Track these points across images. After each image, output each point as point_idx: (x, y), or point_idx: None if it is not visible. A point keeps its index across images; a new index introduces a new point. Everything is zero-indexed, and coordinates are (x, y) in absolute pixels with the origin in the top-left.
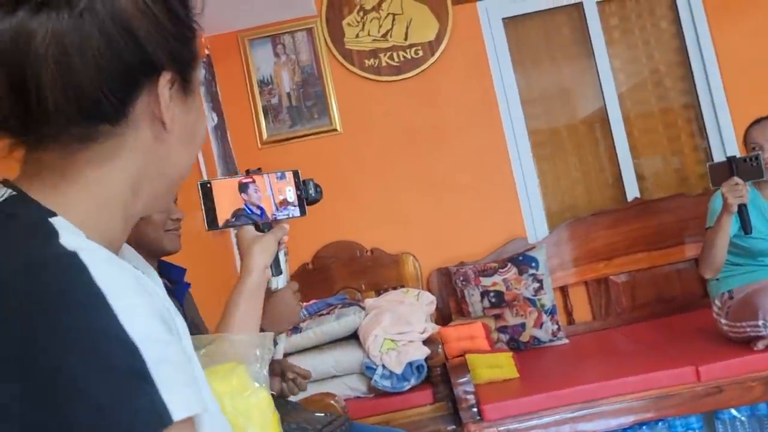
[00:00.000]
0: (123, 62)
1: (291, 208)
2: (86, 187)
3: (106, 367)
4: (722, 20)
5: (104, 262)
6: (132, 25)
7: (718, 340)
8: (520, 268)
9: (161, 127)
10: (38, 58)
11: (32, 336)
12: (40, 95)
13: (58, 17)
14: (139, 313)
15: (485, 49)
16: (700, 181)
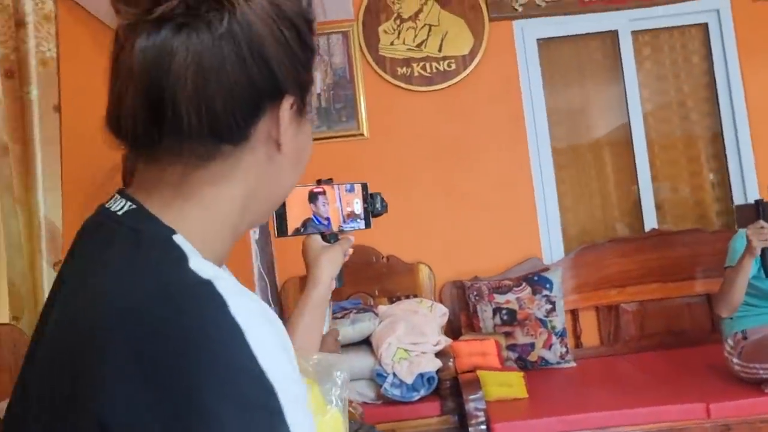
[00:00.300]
0: (254, 86)
1: (357, 221)
2: (201, 205)
3: (245, 406)
4: (753, 61)
5: (238, 293)
6: (266, 52)
7: (728, 378)
8: (534, 288)
9: (276, 148)
10: (178, 77)
11: (169, 366)
12: (175, 113)
13: (199, 38)
14: (272, 349)
15: (517, 67)
16: (718, 218)
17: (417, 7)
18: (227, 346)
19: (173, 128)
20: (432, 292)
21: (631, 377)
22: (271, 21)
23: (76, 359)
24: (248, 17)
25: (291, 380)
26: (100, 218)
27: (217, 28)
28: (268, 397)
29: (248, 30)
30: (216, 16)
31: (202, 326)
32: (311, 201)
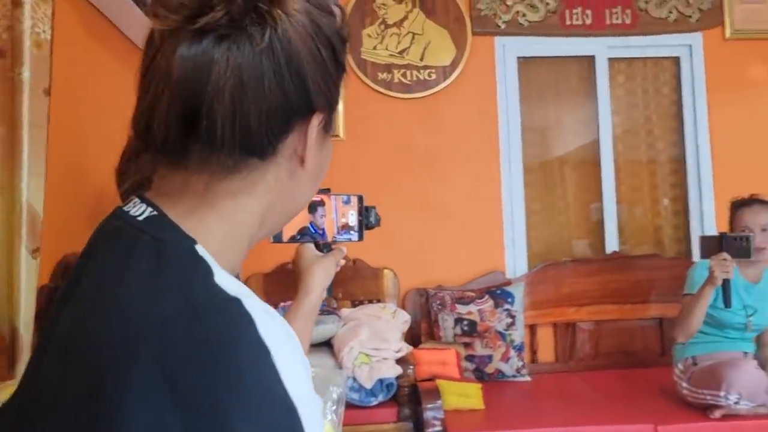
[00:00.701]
0: (288, 103)
1: (351, 233)
2: (222, 216)
3: (269, 428)
4: (720, 97)
5: (264, 312)
6: (303, 69)
7: (676, 401)
8: (496, 301)
9: (299, 163)
10: (216, 89)
11: (197, 386)
12: (210, 124)
13: (240, 51)
14: (296, 370)
15: (496, 83)
16: (675, 245)
17: (402, 14)
18: (255, 367)
19: (206, 138)
20: (395, 298)
21: (583, 394)
22: (310, 39)
23: (98, 373)
24: (289, 33)
25: (311, 400)
26: (120, 223)
27: (258, 42)
28: (292, 419)
29: (288, 46)
30: (257, 30)
31: (231, 346)
32: (310, 211)
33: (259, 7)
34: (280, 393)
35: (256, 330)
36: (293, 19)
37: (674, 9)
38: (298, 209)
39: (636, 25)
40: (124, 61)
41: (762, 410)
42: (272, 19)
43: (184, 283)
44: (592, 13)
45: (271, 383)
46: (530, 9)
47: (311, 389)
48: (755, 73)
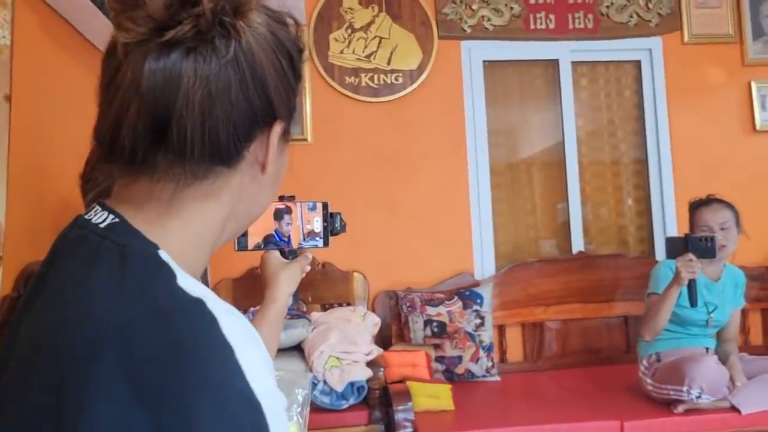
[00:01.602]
0: (253, 111)
1: (316, 239)
2: (186, 222)
3: (235, 423)
4: (680, 99)
5: (227, 312)
6: (266, 80)
7: (641, 397)
8: (465, 303)
9: (260, 169)
10: (186, 100)
11: (161, 385)
12: (180, 134)
13: (207, 63)
14: (258, 368)
15: (462, 86)
16: (638, 244)
17: (369, 18)
18: (219, 365)
19: (175, 148)
20: (365, 300)
21: (552, 393)
22: (271, 50)
23: (61, 375)
24: (252, 46)
25: (275, 397)
26: (82, 230)
27: (224, 54)
28: (257, 415)
29: (252, 58)
30: (223, 42)
31: (195, 345)
32: (276, 218)
33: (224, 20)
34: (244, 390)
35: (220, 329)
36: (255, 32)
37: (635, 14)
38: (259, 213)
39: (598, 30)
40: (86, 66)
41: (722, 404)
42: (236, 32)
43: (146, 287)
44: (556, 17)
45: (235, 380)
46: (495, 13)
47: (275, 387)
48: (712, 75)
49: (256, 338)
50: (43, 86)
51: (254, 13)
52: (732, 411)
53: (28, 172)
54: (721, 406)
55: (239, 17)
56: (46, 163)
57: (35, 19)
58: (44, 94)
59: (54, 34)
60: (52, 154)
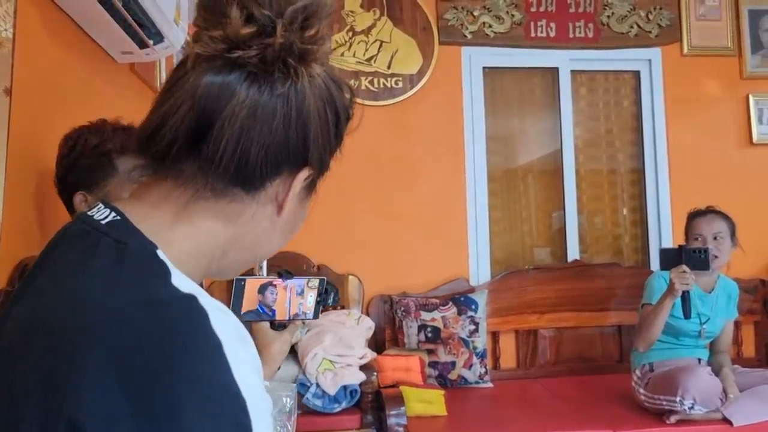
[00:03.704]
0: (288, 147)
1: (307, 311)
2: (191, 233)
3: (219, 417)
4: (678, 110)
5: (218, 309)
6: (309, 123)
7: (634, 407)
8: (459, 309)
9: (277, 210)
10: (230, 115)
11: (149, 375)
12: (215, 143)
13: (260, 90)
14: (246, 365)
15: (462, 92)
16: (633, 254)
17: (370, 22)
18: (207, 358)
19: (206, 156)
20: (360, 304)
21: (544, 401)
22: (321, 102)
23: (50, 359)
24: (306, 90)
25: (260, 396)
26: (83, 226)
27: (278, 88)
28: (241, 412)
29: (302, 99)
30: (281, 78)
31: (184, 337)
32: (259, 291)
33: (288, 61)
34: (230, 384)
35: (210, 323)
36: (313, 81)
37: (635, 24)
38: (264, 254)
39: (598, 39)
40: (88, 63)
41: (715, 416)
42: (295, 74)
43: (141, 280)
44: (556, 26)
45: (222, 374)
46: (496, 20)
47: (261, 386)
48: (710, 88)
49: (246, 337)
50: (43, 81)
51: (317, 65)
52: (724, 423)
53: (26, 167)
54: (713, 418)
55: (302, 63)
56: (44, 158)
57: (37, 13)
58: (44, 90)
59: (56, 29)
60: (51, 150)
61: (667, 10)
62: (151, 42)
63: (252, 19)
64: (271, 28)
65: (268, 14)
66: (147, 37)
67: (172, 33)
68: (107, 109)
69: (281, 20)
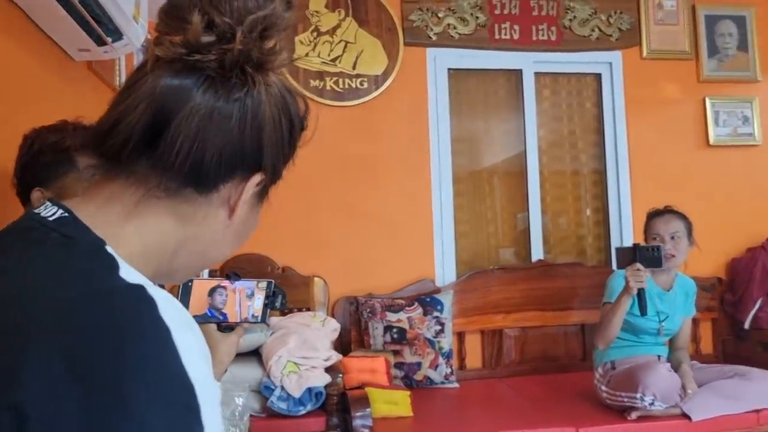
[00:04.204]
0: (242, 151)
1: (256, 314)
2: (142, 233)
3: (168, 402)
4: (638, 112)
5: (165, 298)
6: (263, 129)
7: (596, 404)
8: (425, 309)
9: (228, 214)
10: (186, 118)
11: (98, 360)
12: (170, 142)
13: (217, 95)
14: (194, 352)
15: (427, 93)
16: (596, 254)
17: (335, 22)
18: (155, 345)
19: (161, 155)
20: (325, 306)
21: (509, 400)
22: (276, 109)
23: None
24: (262, 97)
25: (208, 382)
26: (31, 222)
27: (235, 93)
28: (189, 396)
29: (258, 106)
30: (238, 84)
31: (131, 324)
32: (209, 294)
33: (246, 68)
34: (178, 371)
35: (158, 311)
36: (269, 89)
37: (596, 28)
38: (213, 258)
39: (561, 42)
40: (43, 61)
41: (674, 411)
42: (252, 82)
43: (89, 272)
44: (520, 28)
45: (170, 361)
46: (461, 22)
47: (210, 374)
48: (668, 91)
49: (193, 325)
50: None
51: (273, 74)
52: (683, 418)
53: None
54: (673, 413)
55: (259, 71)
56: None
57: None
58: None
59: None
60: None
61: (627, 14)
62: (109, 39)
63: (212, 25)
64: (230, 35)
65: (228, 21)
66: (105, 34)
67: (131, 30)
68: (64, 108)
69: (241, 28)
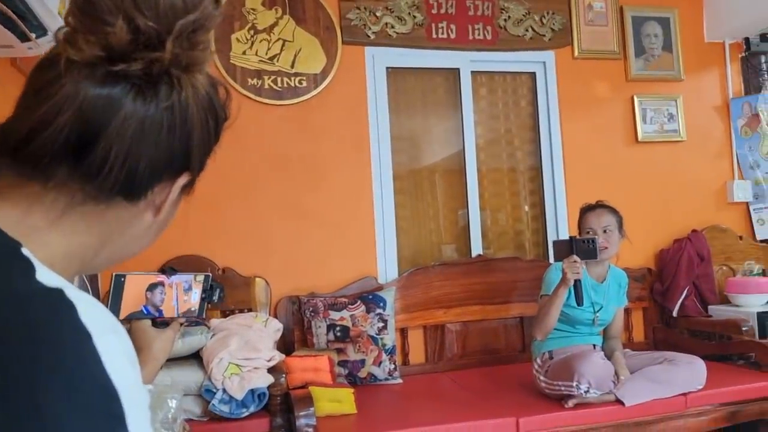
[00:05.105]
0: (171, 157)
1: (192, 309)
2: (65, 235)
3: (88, 409)
4: (571, 109)
5: (86, 301)
6: (192, 133)
7: (536, 394)
8: (368, 307)
9: (153, 212)
10: (118, 130)
11: (12, 366)
12: (100, 158)
13: (146, 103)
14: (118, 355)
15: (366, 92)
16: (534, 248)
17: (272, 20)
18: (73, 349)
19: (89, 168)
20: (267, 306)
21: (452, 393)
22: (203, 110)
23: None
24: (190, 101)
25: (135, 387)
26: None
27: (164, 100)
28: (111, 402)
29: (186, 110)
30: (165, 90)
31: (49, 329)
32: (148, 290)
33: (173, 72)
34: (100, 377)
35: (77, 315)
36: (196, 91)
37: (530, 28)
38: (135, 252)
39: (496, 42)
40: None
41: (608, 397)
42: (179, 86)
43: (3, 275)
44: (457, 28)
45: (91, 366)
46: (398, 21)
47: (137, 378)
48: (599, 89)
49: (119, 329)
50: None
51: (201, 75)
52: (617, 403)
53: None
54: (607, 400)
55: (187, 73)
56: None
57: None
58: None
59: None
60: None
61: (559, 15)
62: (33, 35)
63: (138, 32)
64: (157, 42)
65: (154, 27)
66: (29, 30)
67: (56, 26)
68: None
69: (170, 37)
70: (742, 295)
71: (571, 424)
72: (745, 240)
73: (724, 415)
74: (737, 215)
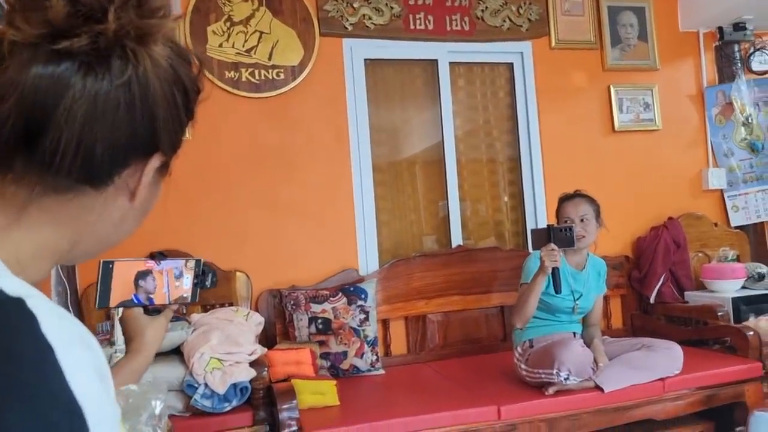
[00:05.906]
0: (135, 138)
1: (184, 295)
2: (32, 231)
3: (49, 428)
4: (548, 99)
5: (50, 312)
6: (156, 111)
7: (517, 382)
8: (349, 299)
9: (128, 198)
10: (67, 111)
11: None
12: (51, 145)
13: (97, 80)
14: (83, 370)
15: (344, 83)
16: (513, 238)
17: (249, 12)
18: (32, 364)
19: (41, 158)
20: (248, 300)
21: (434, 383)
22: (167, 83)
23: None
24: (149, 74)
25: (102, 402)
26: None
27: (118, 76)
28: (74, 419)
29: (145, 86)
30: (119, 64)
31: (6, 343)
32: (138, 278)
33: (126, 44)
34: (62, 393)
35: (38, 327)
36: (155, 63)
37: (507, 18)
38: (120, 239)
39: (474, 32)
40: None
41: (588, 384)
42: (135, 58)
43: None
44: (434, 19)
45: (51, 381)
46: (376, 12)
47: (106, 393)
48: (576, 79)
49: (86, 341)
50: None
51: (159, 45)
52: (596, 390)
53: None
54: (587, 386)
55: (142, 45)
56: None
57: None
58: None
59: None
60: None
61: (536, 5)
62: None
63: (76, 3)
64: (100, 13)
65: None
66: None
67: None
68: None
69: (111, 5)
70: (717, 281)
71: (551, 411)
72: (720, 227)
73: (701, 398)
74: (712, 202)
